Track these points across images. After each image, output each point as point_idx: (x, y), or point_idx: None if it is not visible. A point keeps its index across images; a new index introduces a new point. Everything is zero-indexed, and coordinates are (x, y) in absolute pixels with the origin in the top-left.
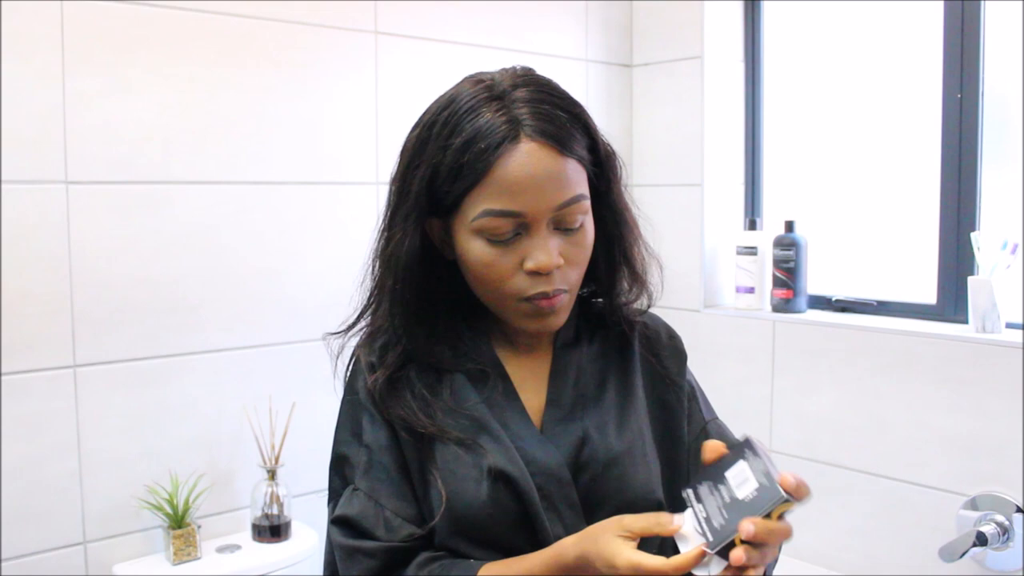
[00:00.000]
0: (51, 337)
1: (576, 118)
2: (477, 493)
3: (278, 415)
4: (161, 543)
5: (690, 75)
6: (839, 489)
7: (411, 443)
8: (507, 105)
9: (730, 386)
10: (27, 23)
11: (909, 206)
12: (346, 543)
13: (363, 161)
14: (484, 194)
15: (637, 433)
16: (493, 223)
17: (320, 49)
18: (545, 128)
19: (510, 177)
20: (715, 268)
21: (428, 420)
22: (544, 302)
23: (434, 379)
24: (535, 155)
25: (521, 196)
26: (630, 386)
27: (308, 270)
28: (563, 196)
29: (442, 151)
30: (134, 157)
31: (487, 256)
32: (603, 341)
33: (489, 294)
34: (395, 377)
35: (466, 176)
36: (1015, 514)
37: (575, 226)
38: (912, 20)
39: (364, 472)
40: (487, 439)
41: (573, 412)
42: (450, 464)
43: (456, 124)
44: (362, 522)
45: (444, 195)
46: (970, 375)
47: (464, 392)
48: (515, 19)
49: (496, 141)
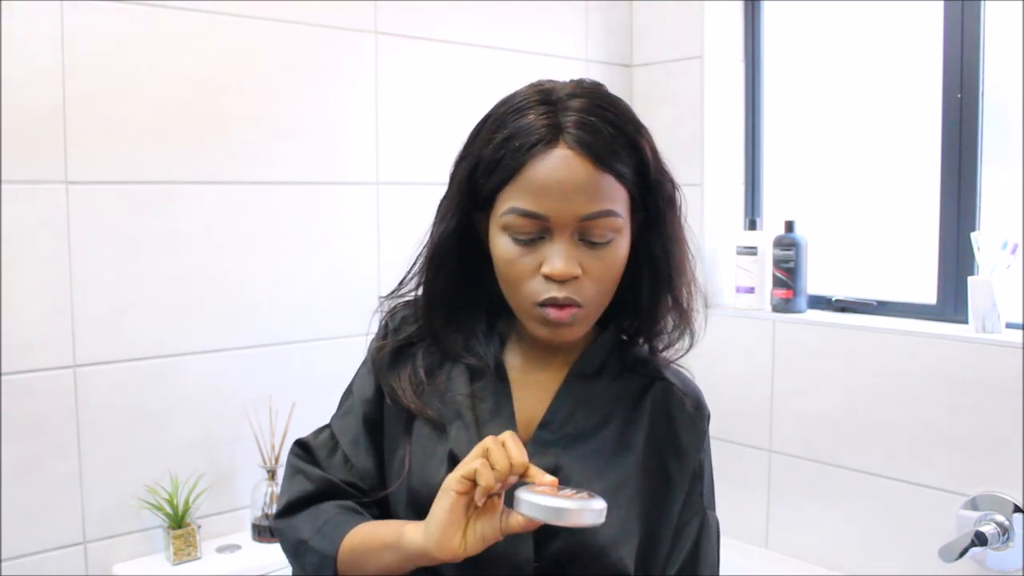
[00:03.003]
0: (51, 337)
1: (624, 136)
2: (434, 474)
3: (278, 415)
4: (161, 543)
5: (690, 75)
6: (839, 489)
7: (394, 411)
8: (556, 111)
9: (730, 386)
10: (27, 23)
11: (909, 206)
12: (296, 463)
13: (363, 161)
14: (513, 192)
15: (617, 485)
16: (518, 222)
17: (320, 49)
18: (584, 138)
19: (538, 179)
20: (715, 268)
21: (414, 398)
22: (553, 311)
23: (436, 363)
24: (568, 162)
25: (546, 200)
26: (631, 440)
27: (308, 270)
28: (590, 208)
29: (486, 144)
30: (134, 157)
31: (509, 253)
32: (626, 385)
33: (508, 293)
34: (402, 349)
35: (500, 171)
36: (1015, 514)
37: (602, 241)
38: (912, 20)
39: (341, 414)
40: (457, 426)
41: (560, 440)
42: (422, 440)
43: (503, 121)
44: (317, 451)
45: (481, 188)
46: (970, 375)
47: (457, 381)
48: (515, 19)
49: (532, 141)
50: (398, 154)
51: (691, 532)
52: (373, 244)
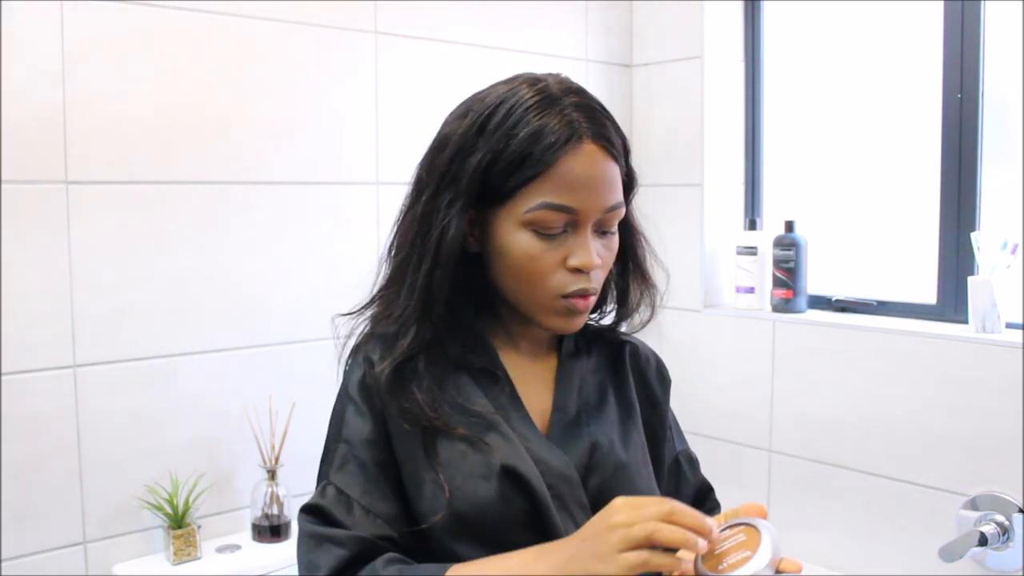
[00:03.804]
0: (51, 337)
1: (618, 130)
2: (485, 491)
3: (278, 415)
4: (161, 543)
5: (690, 75)
6: (839, 489)
7: (410, 436)
8: (564, 108)
9: (730, 386)
10: (27, 23)
11: (909, 206)
12: (316, 530)
13: (363, 161)
14: (545, 187)
15: (640, 447)
16: (548, 216)
17: (320, 49)
18: (601, 133)
19: (573, 174)
20: (715, 268)
21: (434, 415)
22: (580, 301)
23: (441, 373)
24: (596, 156)
25: (579, 193)
26: (630, 402)
27: (308, 270)
28: (612, 199)
29: (505, 140)
30: (134, 157)
31: (534, 249)
32: (599, 356)
33: (524, 288)
34: (402, 368)
35: (529, 167)
36: (1015, 514)
37: (611, 230)
38: (912, 20)
39: (339, 467)
40: (496, 437)
41: (579, 419)
42: (455, 461)
43: (522, 117)
44: (332, 511)
45: (500, 184)
46: (970, 375)
47: (469, 391)
48: (515, 19)
49: (564, 138)
50: (398, 154)
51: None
52: (373, 244)
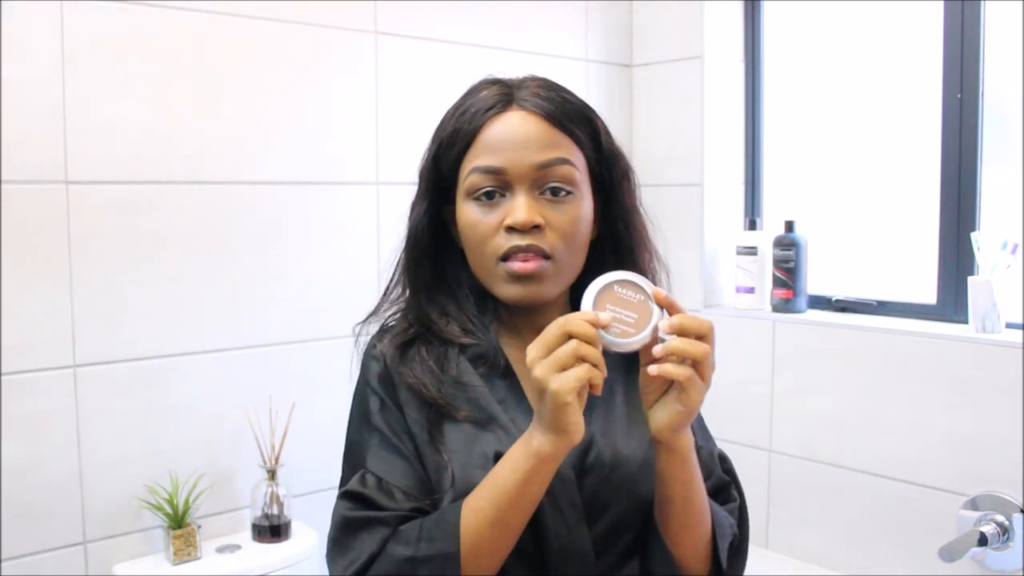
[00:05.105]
0: (51, 337)
1: (575, 107)
2: (477, 477)
3: (278, 415)
4: (161, 543)
5: (690, 75)
6: (839, 489)
7: (418, 422)
8: (510, 88)
9: (730, 386)
10: (27, 23)
11: (909, 206)
12: (358, 515)
13: (363, 161)
14: (473, 155)
15: (644, 441)
16: (480, 179)
17: (320, 49)
18: (538, 103)
19: (494, 135)
20: (715, 268)
21: (439, 395)
22: (518, 263)
23: (442, 353)
24: (522, 119)
25: (502, 153)
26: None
27: (308, 270)
28: (544, 156)
29: (443, 125)
30: (134, 157)
31: (473, 216)
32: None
33: (475, 260)
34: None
35: (460, 141)
36: (1015, 514)
37: (561, 192)
38: (912, 20)
39: (375, 455)
40: (496, 427)
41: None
42: (460, 445)
43: (460, 104)
44: (373, 496)
45: (448, 169)
46: (970, 375)
47: (466, 371)
48: (515, 19)
49: (487, 106)
50: (398, 154)
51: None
52: (373, 244)
